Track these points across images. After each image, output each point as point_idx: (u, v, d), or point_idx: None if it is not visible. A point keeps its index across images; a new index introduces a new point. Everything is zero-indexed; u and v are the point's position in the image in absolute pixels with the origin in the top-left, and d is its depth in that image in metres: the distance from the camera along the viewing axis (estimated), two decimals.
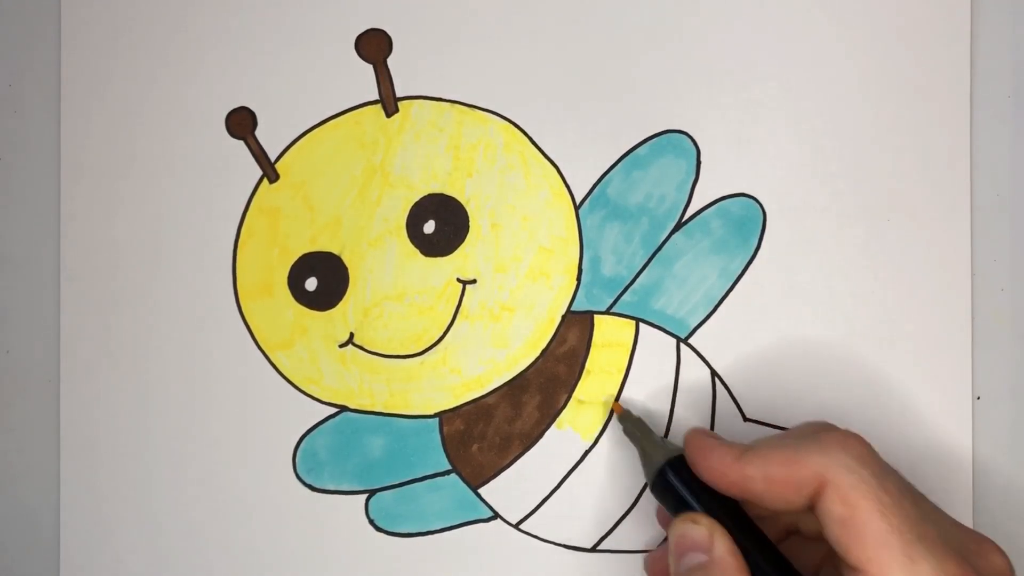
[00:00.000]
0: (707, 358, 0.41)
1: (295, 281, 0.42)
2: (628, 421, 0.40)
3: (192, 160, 0.42)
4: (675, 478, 0.36)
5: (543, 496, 0.41)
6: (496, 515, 0.41)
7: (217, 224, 0.42)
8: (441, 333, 0.42)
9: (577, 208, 0.42)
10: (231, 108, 0.42)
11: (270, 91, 0.42)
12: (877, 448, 0.34)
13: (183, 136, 0.42)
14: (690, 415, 0.41)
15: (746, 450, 0.34)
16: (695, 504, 0.35)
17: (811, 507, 0.33)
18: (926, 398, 0.41)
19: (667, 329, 0.41)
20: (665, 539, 0.37)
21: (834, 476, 0.32)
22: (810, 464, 0.32)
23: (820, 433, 0.33)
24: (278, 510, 0.42)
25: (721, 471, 0.34)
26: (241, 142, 0.42)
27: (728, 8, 0.42)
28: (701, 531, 0.34)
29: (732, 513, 0.35)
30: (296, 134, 0.42)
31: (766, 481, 0.33)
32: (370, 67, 0.42)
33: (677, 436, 0.41)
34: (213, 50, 0.42)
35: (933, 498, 0.41)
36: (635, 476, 0.41)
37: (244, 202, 0.42)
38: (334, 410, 0.42)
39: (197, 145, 0.42)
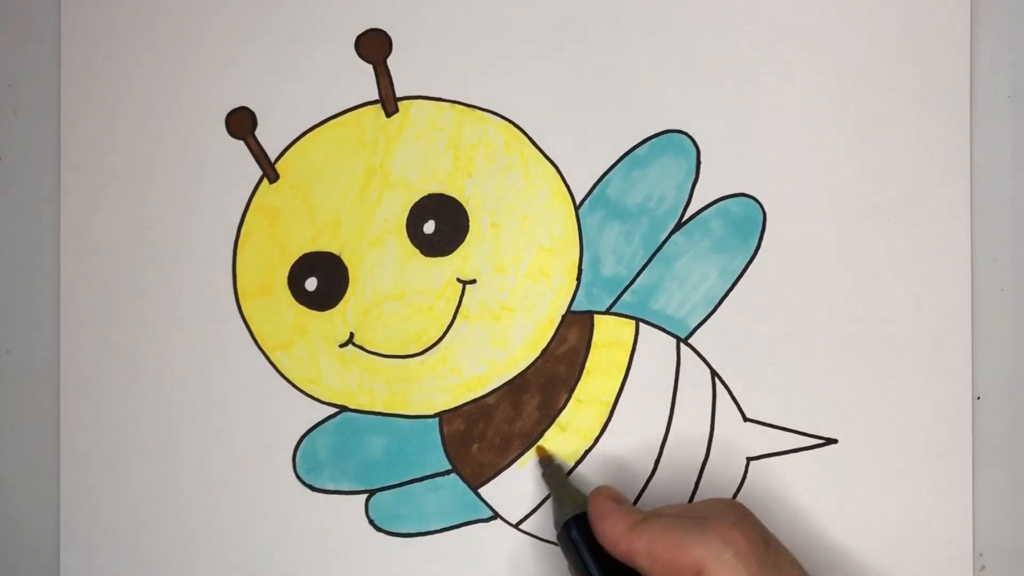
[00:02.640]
0: (707, 358, 0.41)
1: (295, 281, 0.42)
2: (548, 466, 0.40)
3: (192, 160, 0.42)
4: (578, 535, 0.37)
5: (543, 496, 0.41)
6: (496, 515, 0.41)
7: (217, 224, 0.42)
8: (441, 333, 0.42)
9: (577, 208, 0.42)
10: (231, 108, 0.42)
11: (270, 91, 0.42)
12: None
13: (183, 136, 0.42)
14: (690, 415, 0.41)
15: (640, 522, 0.35)
16: (591, 565, 0.36)
17: None
18: (926, 398, 0.41)
19: (667, 329, 0.41)
20: None
21: (711, 568, 0.33)
22: (691, 553, 0.33)
23: (709, 520, 0.34)
24: (278, 510, 0.42)
25: (613, 539, 0.35)
26: (241, 142, 0.42)
27: (728, 8, 0.42)
28: None
29: None
30: (296, 134, 0.42)
31: (650, 559, 0.34)
32: (370, 67, 0.42)
33: (676, 437, 0.41)
34: (213, 50, 0.42)
35: (933, 499, 0.41)
36: (634, 477, 0.41)
37: (244, 202, 0.42)
38: (334, 410, 0.42)
39: (197, 145, 0.42)
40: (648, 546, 0.34)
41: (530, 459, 0.41)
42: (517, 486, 0.41)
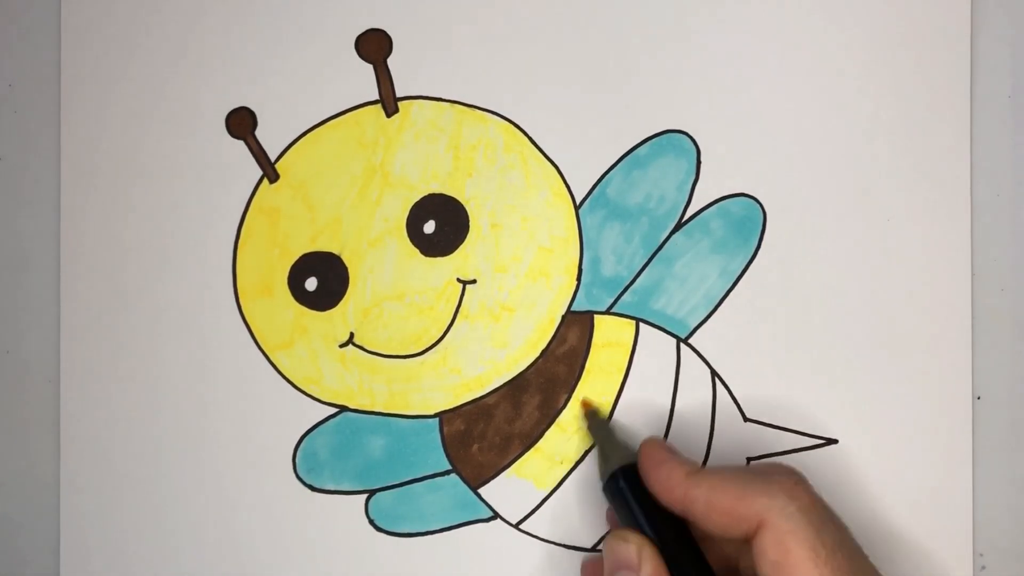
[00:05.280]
0: (707, 358, 0.41)
1: (295, 281, 0.42)
2: (594, 418, 0.40)
3: (192, 160, 0.42)
4: (625, 485, 0.36)
5: (543, 496, 0.41)
6: (496, 515, 0.41)
7: (217, 224, 0.42)
8: (441, 333, 0.42)
9: (577, 208, 0.42)
10: (231, 108, 0.42)
11: (270, 91, 0.42)
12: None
13: (183, 136, 0.42)
14: (690, 415, 0.41)
15: (697, 470, 0.35)
16: (639, 515, 0.35)
17: (747, 541, 0.33)
18: (926, 398, 0.41)
19: (667, 329, 0.41)
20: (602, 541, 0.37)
21: (774, 519, 0.33)
22: (754, 503, 0.33)
23: (772, 475, 0.34)
24: (278, 510, 0.42)
25: (668, 486, 0.35)
26: (241, 142, 0.42)
27: (728, 8, 0.42)
28: (630, 549, 0.34)
29: (675, 531, 0.35)
30: (296, 134, 0.42)
31: (708, 506, 0.34)
32: (370, 67, 0.42)
33: (676, 437, 0.41)
34: (213, 50, 0.42)
35: (933, 498, 0.41)
36: None
37: (244, 202, 0.42)
38: (334, 410, 0.42)
39: (197, 145, 0.42)
40: (707, 493, 0.34)
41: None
42: (517, 486, 0.41)
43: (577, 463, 0.41)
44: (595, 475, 0.41)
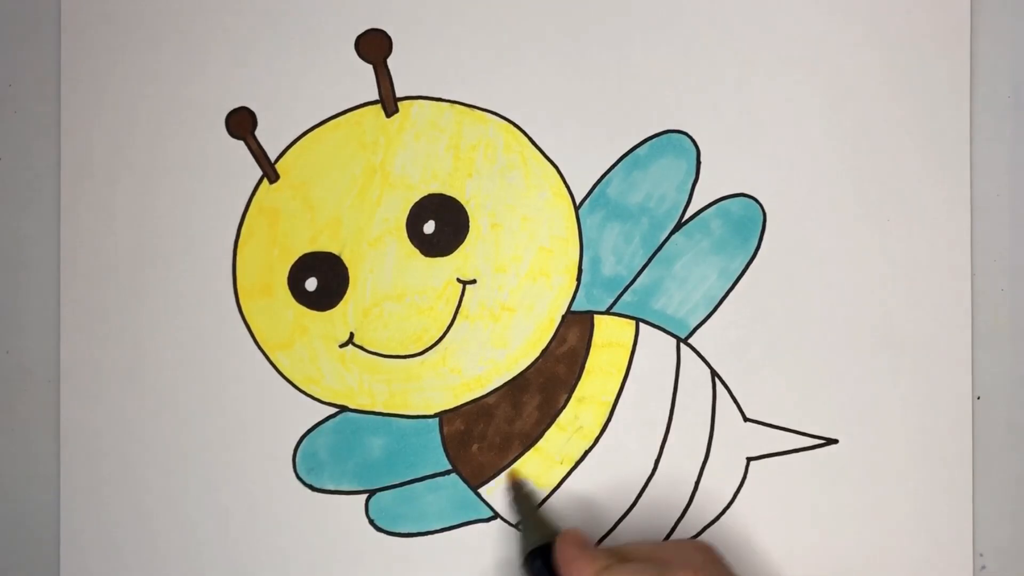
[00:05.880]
0: (707, 358, 0.41)
1: (295, 281, 0.42)
2: (519, 492, 0.40)
3: (192, 160, 0.42)
4: (541, 566, 0.37)
5: (543, 496, 0.41)
6: (496, 515, 0.41)
7: (217, 224, 0.42)
8: (441, 333, 0.42)
9: (577, 208, 0.42)
10: (231, 108, 0.42)
11: (270, 91, 0.42)
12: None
13: (183, 136, 0.42)
14: (690, 415, 0.41)
15: (605, 568, 0.35)
16: None
17: None
18: (926, 398, 0.41)
19: (667, 329, 0.41)
20: None
21: None
22: None
23: (674, 568, 0.35)
24: (278, 510, 0.42)
25: None
26: (241, 142, 0.42)
27: (728, 9, 0.42)
28: None
29: None
30: (296, 134, 0.42)
31: None
32: (370, 67, 0.42)
33: (676, 437, 0.41)
34: (213, 50, 0.42)
35: (933, 498, 0.41)
36: (635, 476, 0.41)
37: (244, 202, 0.42)
38: (334, 410, 0.42)
39: (197, 145, 0.42)
40: None
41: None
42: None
43: (577, 463, 0.41)
44: (595, 476, 0.41)
